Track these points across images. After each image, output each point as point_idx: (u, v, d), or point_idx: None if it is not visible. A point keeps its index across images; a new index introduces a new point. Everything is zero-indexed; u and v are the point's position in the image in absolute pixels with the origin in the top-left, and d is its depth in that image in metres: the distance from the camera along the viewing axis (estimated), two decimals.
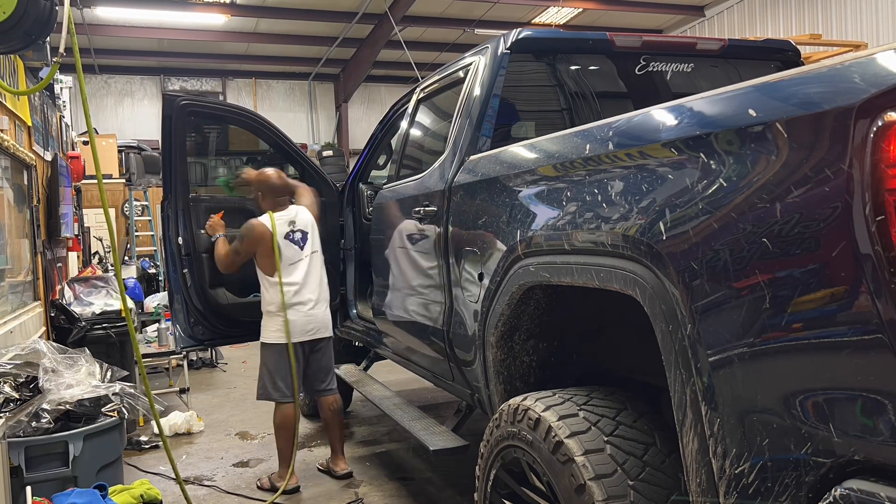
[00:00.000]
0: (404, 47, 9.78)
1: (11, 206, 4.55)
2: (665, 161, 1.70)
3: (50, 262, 5.50)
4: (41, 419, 3.27)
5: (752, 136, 1.43)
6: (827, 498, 1.24)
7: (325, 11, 12.29)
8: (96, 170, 3.07)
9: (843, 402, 1.25)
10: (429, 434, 3.50)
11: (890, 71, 1.21)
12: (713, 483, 1.53)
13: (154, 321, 6.94)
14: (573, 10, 12.55)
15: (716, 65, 3.48)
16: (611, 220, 1.85)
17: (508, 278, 2.43)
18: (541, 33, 3.34)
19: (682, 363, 1.58)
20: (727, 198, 1.46)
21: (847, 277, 1.22)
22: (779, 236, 1.34)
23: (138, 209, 10.73)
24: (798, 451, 1.32)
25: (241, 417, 5.86)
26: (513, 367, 2.60)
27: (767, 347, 1.37)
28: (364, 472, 4.43)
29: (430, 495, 4.08)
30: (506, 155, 2.66)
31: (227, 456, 4.91)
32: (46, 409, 3.31)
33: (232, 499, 4.15)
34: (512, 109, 3.19)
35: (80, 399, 3.43)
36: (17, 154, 4.38)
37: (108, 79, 15.38)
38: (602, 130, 2.03)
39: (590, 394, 2.12)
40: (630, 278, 1.75)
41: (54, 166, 5.61)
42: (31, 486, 3.11)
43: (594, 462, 1.85)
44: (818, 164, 1.27)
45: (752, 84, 1.52)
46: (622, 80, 3.38)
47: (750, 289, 1.39)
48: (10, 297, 4.33)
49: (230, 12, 11.88)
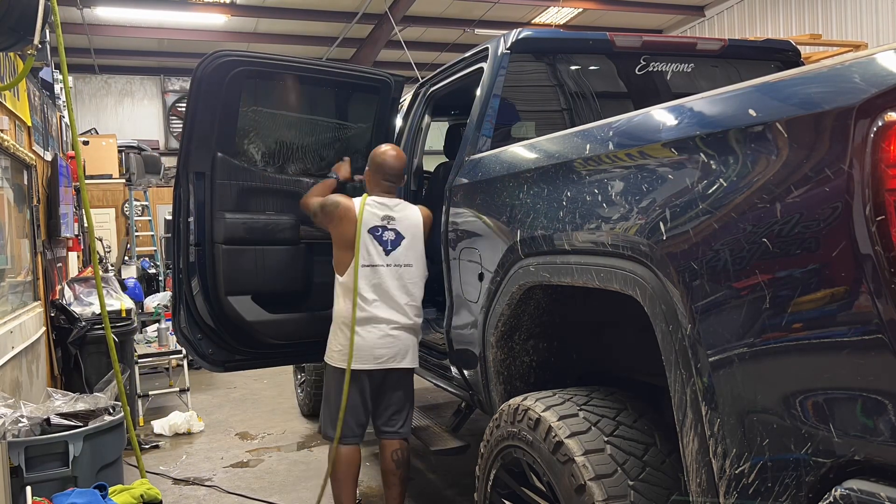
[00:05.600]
0: (404, 47, 9.77)
1: (11, 206, 4.54)
2: (665, 161, 1.70)
3: (50, 262, 5.50)
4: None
5: (752, 136, 1.43)
6: (827, 498, 1.24)
7: (325, 11, 12.28)
8: (79, 173, 3.06)
9: (843, 402, 1.25)
10: (429, 434, 3.50)
11: (890, 71, 1.21)
12: (713, 483, 1.53)
13: (154, 321, 6.95)
14: (573, 11, 12.54)
15: (716, 65, 3.48)
16: (611, 220, 1.85)
17: (508, 278, 2.43)
18: (541, 33, 3.34)
19: (682, 363, 1.58)
20: (727, 198, 1.46)
21: (847, 277, 1.22)
22: (779, 236, 1.34)
23: (138, 209, 10.72)
24: (798, 451, 1.32)
25: (241, 417, 5.86)
26: (513, 367, 2.61)
27: (767, 347, 1.37)
28: (364, 471, 4.43)
29: (430, 495, 4.07)
30: (506, 155, 2.66)
31: (227, 456, 4.91)
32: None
33: (232, 499, 4.14)
34: (512, 109, 3.19)
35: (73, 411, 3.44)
36: (17, 154, 4.38)
37: (108, 79, 15.36)
38: (602, 130, 2.03)
39: (590, 394, 2.12)
40: (630, 278, 1.75)
41: (54, 166, 5.60)
42: (31, 486, 3.11)
43: (594, 462, 1.85)
44: (818, 164, 1.27)
45: (752, 84, 1.53)
46: (622, 81, 3.38)
47: (750, 289, 1.39)
48: (10, 297, 4.33)
49: (230, 12, 11.86)
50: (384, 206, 3.29)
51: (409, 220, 3.32)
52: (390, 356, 3.23)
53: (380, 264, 3.22)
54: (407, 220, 3.31)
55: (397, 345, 3.24)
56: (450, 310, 3.10)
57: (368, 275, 3.21)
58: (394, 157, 3.38)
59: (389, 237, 3.25)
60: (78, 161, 3.16)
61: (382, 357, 3.22)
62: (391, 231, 3.26)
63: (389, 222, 3.26)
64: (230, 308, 3.58)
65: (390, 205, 3.30)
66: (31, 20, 2.74)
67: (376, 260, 3.22)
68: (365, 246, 3.21)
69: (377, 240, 3.23)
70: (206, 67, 3.49)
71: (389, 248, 3.24)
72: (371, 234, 3.22)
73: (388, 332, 3.21)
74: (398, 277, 3.25)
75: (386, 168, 3.34)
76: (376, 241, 3.23)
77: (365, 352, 3.20)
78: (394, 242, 3.25)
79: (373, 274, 3.21)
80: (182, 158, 3.58)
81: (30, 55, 2.81)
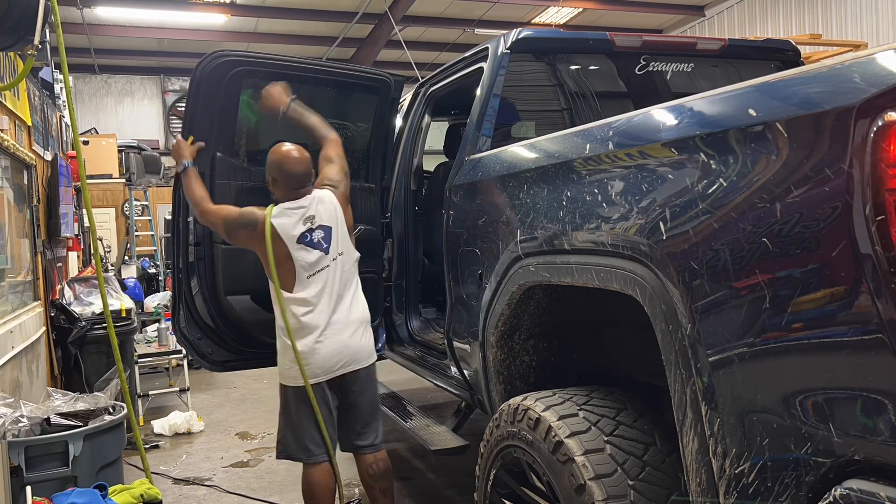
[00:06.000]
0: (404, 47, 9.77)
1: (11, 205, 4.54)
2: (665, 161, 1.70)
3: (50, 261, 5.50)
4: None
5: (752, 135, 1.43)
6: (827, 498, 1.24)
7: (325, 11, 12.28)
8: (80, 173, 3.07)
9: (843, 402, 1.25)
10: (429, 434, 3.50)
11: (890, 71, 1.21)
12: (713, 483, 1.53)
13: (154, 321, 6.95)
14: (573, 10, 12.54)
15: (716, 65, 3.48)
16: (611, 219, 1.85)
17: (508, 278, 2.43)
18: (541, 33, 3.34)
19: (682, 363, 1.57)
20: (727, 198, 1.46)
21: (847, 277, 1.22)
22: (779, 236, 1.34)
23: (138, 209, 10.72)
24: (798, 451, 1.32)
25: (241, 417, 5.86)
26: (513, 366, 2.61)
27: (767, 347, 1.37)
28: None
29: (430, 495, 4.07)
30: (506, 155, 2.66)
31: (227, 456, 4.91)
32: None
33: (232, 499, 4.14)
34: (512, 109, 3.19)
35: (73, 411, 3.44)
36: (17, 154, 4.38)
37: (108, 79, 15.36)
38: (602, 130, 2.03)
39: (590, 394, 2.12)
40: (630, 278, 1.75)
41: (54, 166, 5.60)
42: (31, 486, 3.11)
43: (594, 462, 1.85)
44: (818, 163, 1.27)
45: (752, 84, 1.53)
46: (622, 80, 3.38)
47: (750, 289, 1.39)
48: (10, 297, 4.33)
49: (230, 12, 11.86)
50: (300, 208, 3.06)
51: (327, 208, 3.10)
52: (345, 361, 3.08)
53: (325, 266, 3.06)
54: (326, 211, 3.10)
55: (351, 347, 3.09)
56: (450, 310, 3.10)
57: (309, 282, 3.03)
58: (297, 159, 3.11)
59: (319, 236, 3.06)
60: (79, 161, 3.16)
61: (338, 364, 3.07)
62: (318, 230, 3.06)
63: (313, 222, 3.06)
64: (230, 308, 3.56)
65: (305, 204, 3.07)
66: (31, 20, 2.73)
67: (320, 264, 3.05)
68: (302, 259, 3.02)
69: (311, 245, 3.04)
70: (205, 67, 3.48)
71: (325, 246, 3.06)
72: (302, 244, 3.03)
73: (335, 339, 3.04)
74: (340, 270, 3.10)
75: (291, 174, 3.08)
76: (311, 247, 3.04)
77: (318, 363, 3.04)
78: (325, 238, 3.07)
79: (318, 279, 3.04)
80: None
81: (30, 55, 2.81)
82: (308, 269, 3.04)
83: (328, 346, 3.04)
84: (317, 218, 3.07)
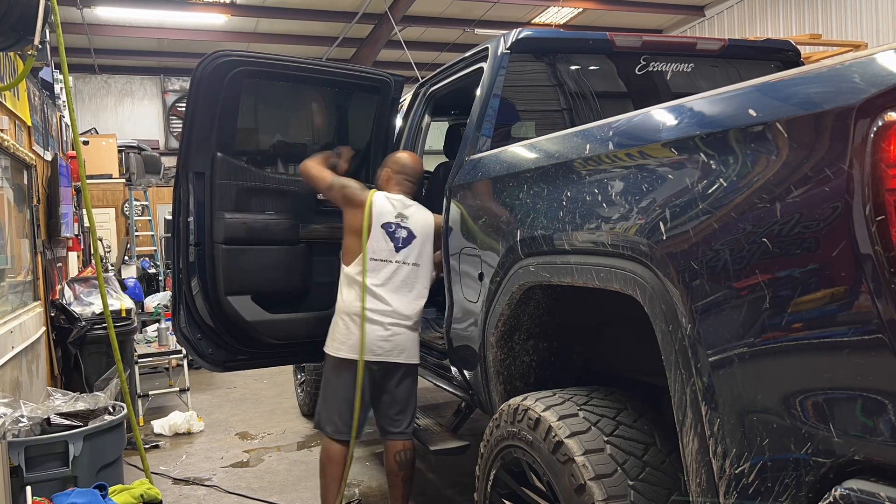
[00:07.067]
0: (404, 47, 9.77)
1: (11, 205, 4.54)
2: (665, 161, 1.70)
3: (50, 261, 5.50)
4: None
5: (752, 136, 1.43)
6: (827, 498, 1.24)
7: (325, 11, 12.28)
8: (81, 173, 3.08)
9: (843, 402, 1.25)
10: (429, 434, 3.50)
11: (890, 71, 1.21)
12: (713, 483, 1.53)
13: (154, 321, 6.95)
14: (573, 10, 12.54)
15: (716, 65, 3.48)
16: (611, 220, 1.85)
17: (508, 278, 2.43)
18: (541, 33, 3.34)
19: (682, 363, 1.58)
20: (727, 198, 1.46)
21: (847, 277, 1.22)
22: (779, 236, 1.34)
23: (138, 209, 10.72)
24: (798, 451, 1.32)
25: (241, 417, 5.86)
26: (513, 366, 2.61)
27: (767, 347, 1.37)
28: (364, 471, 4.43)
29: (430, 495, 4.08)
30: (506, 155, 2.66)
31: (227, 456, 4.91)
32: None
33: (232, 499, 4.14)
34: (512, 109, 3.19)
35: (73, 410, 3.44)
36: (17, 154, 4.38)
37: (108, 79, 15.36)
38: (602, 130, 2.03)
39: (590, 394, 2.12)
40: (630, 278, 1.75)
41: (54, 166, 5.60)
42: (31, 486, 3.11)
43: (594, 462, 1.85)
44: (818, 163, 1.27)
45: (752, 84, 1.52)
46: (622, 80, 3.38)
47: (750, 289, 1.39)
48: (10, 297, 4.33)
49: (230, 12, 11.86)
50: (400, 202, 3.31)
51: (421, 221, 3.32)
52: (388, 349, 3.22)
53: (389, 260, 3.23)
54: (420, 222, 3.31)
55: (395, 339, 3.23)
56: (450, 310, 3.10)
57: (376, 268, 3.22)
58: (416, 159, 3.51)
59: (402, 235, 3.25)
60: (79, 161, 3.16)
61: (380, 350, 3.21)
62: (404, 229, 3.26)
63: (403, 220, 3.28)
64: (230, 308, 3.57)
65: (406, 203, 3.33)
66: (31, 20, 2.73)
67: (386, 255, 3.23)
68: (376, 240, 3.22)
69: (389, 236, 3.24)
70: (205, 67, 3.49)
71: (400, 246, 3.25)
72: (384, 230, 3.24)
73: (388, 327, 3.21)
74: (405, 275, 3.26)
75: (407, 169, 3.41)
76: (388, 236, 3.24)
77: (366, 342, 3.19)
78: (405, 240, 3.26)
79: (381, 268, 3.22)
80: (182, 158, 3.57)
81: (30, 55, 2.81)
82: (373, 253, 3.23)
83: (379, 330, 3.21)
84: (409, 220, 3.30)
